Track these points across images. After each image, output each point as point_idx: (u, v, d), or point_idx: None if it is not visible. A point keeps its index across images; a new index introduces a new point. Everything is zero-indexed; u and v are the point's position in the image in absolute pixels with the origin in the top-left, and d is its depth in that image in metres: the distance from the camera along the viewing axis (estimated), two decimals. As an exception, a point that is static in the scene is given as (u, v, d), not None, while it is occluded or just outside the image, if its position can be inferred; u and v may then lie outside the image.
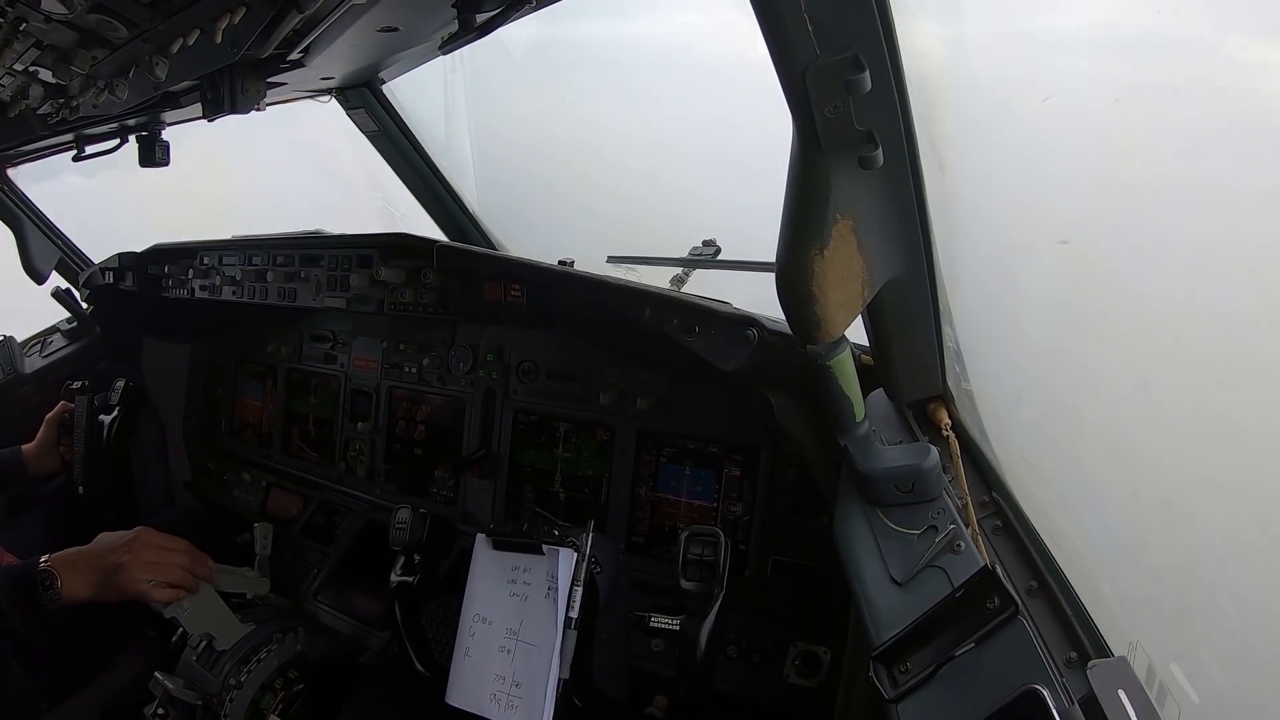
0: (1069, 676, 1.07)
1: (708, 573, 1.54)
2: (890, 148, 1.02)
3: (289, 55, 1.65)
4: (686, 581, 1.55)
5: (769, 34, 0.94)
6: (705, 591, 1.54)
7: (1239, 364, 1.19)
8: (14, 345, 3.15)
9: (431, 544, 1.97)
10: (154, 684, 1.96)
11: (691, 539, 1.57)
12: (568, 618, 1.54)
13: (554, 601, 1.57)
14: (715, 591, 1.53)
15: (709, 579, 1.54)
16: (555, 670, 1.52)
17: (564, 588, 1.56)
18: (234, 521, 2.88)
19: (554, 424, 2.27)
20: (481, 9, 1.43)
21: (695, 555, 1.55)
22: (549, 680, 1.52)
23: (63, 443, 2.71)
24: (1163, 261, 1.24)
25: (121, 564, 1.84)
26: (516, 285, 2.05)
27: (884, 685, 1.11)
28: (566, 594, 1.55)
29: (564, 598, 1.55)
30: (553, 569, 1.59)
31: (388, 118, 2.56)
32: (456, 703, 1.65)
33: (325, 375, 2.84)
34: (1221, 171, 1.14)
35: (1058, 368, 1.47)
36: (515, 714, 1.56)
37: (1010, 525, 1.31)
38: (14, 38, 1.46)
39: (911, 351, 1.34)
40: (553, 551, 1.60)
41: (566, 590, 1.55)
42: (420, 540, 1.95)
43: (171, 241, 2.99)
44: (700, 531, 1.58)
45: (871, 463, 1.33)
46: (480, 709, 1.61)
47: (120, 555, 1.86)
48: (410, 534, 1.94)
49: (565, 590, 1.55)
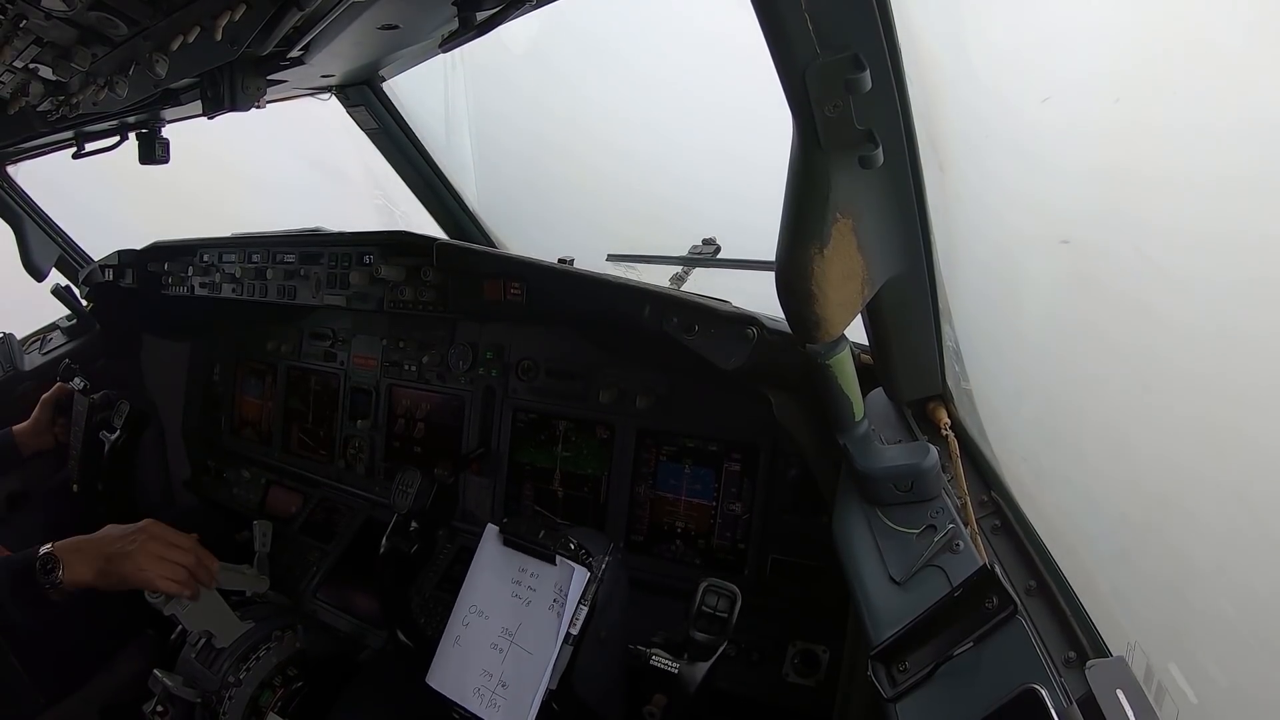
0: (1067, 676, 1.07)
1: (718, 627, 1.54)
2: (890, 147, 1.02)
3: (289, 53, 1.65)
4: (698, 633, 1.54)
5: (769, 33, 0.94)
6: (713, 645, 1.54)
7: (1239, 364, 1.19)
8: (14, 342, 3.15)
9: (433, 514, 1.95)
10: (153, 681, 1.97)
11: (709, 591, 1.56)
12: (569, 634, 1.54)
13: (558, 615, 1.56)
14: (721, 643, 1.54)
15: (718, 633, 1.54)
16: (546, 680, 1.53)
17: (571, 605, 1.56)
18: (233, 519, 2.88)
19: (553, 422, 2.27)
20: (481, 7, 1.43)
21: (709, 608, 1.55)
22: (538, 689, 1.53)
23: (57, 423, 2.70)
24: (1163, 261, 1.24)
25: (127, 553, 1.84)
26: (516, 283, 2.05)
27: (882, 684, 1.11)
28: (572, 611, 1.55)
29: (569, 614, 1.55)
30: (563, 583, 1.58)
31: (388, 115, 2.56)
32: (437, 685, 1.65)
33: (325, 373, 2.84)
34: (1221, 171, 1.14)
35: (1057, 367, 1.47)
36: (497, 713, 1.56)
37: (1009, 525, 1.31)
38: (14, 34, 1.46)
39: (911, 351, 1.34)
40: (565, 566, 1.59)
41: (573, 608, 1.55)
42: (423, 508, 1.93)
43: (171, 239, 3.00)
44: (718, 586, 1.56)
45: (871, 462, 1.33)
46: (462, 699, 1.61)
47: (126, 545, 1.86)
48: (415, 499, 1.92)
49: (572, 608, 1.55)
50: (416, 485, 1.92)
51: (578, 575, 1.57)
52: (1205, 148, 1.14)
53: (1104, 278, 1.32)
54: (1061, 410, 1.48)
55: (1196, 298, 1.22)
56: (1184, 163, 1.17)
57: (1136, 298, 1.29)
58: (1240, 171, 1.12)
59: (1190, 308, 1.23)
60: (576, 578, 1.57)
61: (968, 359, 1.41)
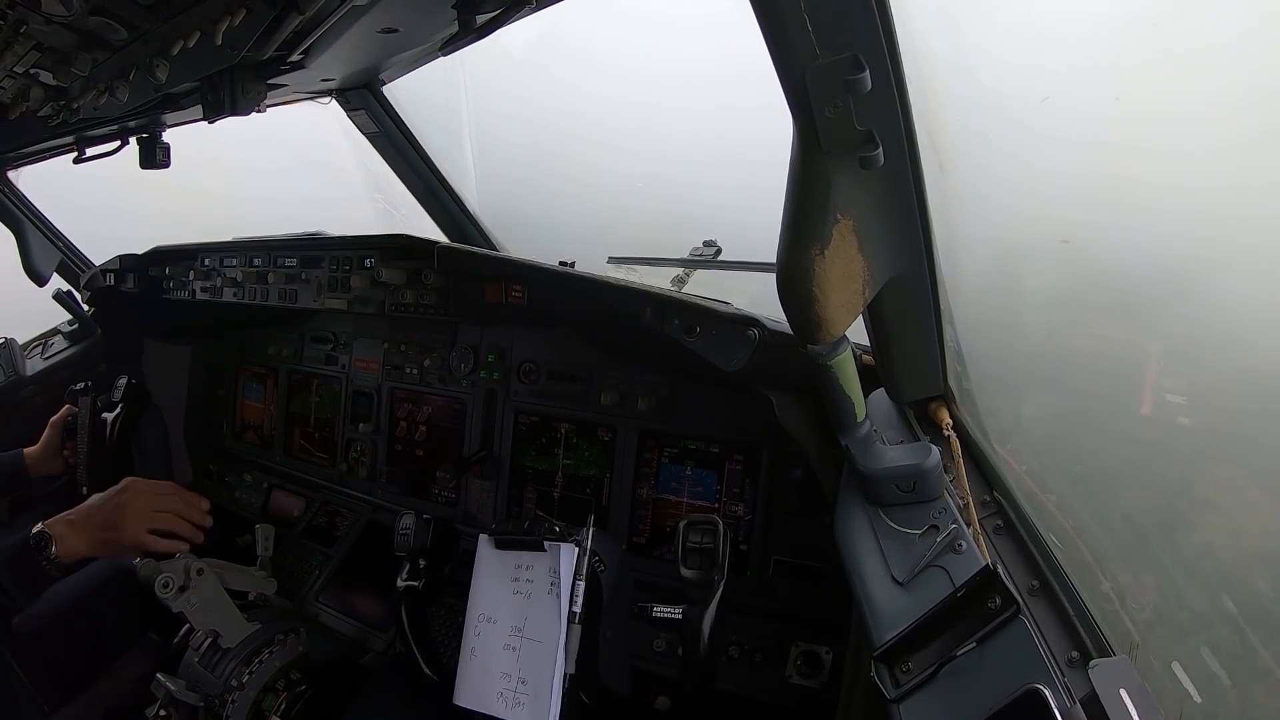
0: (1070, 676, 1.07)
1: (707, 560, 1.55)
2: (890, 147, 1.02)
3: (289, 57, 1.65)
4: (687, 570, 1.56)
5: (769, 34, 0.94)
6: (706, 579, 1.54)
7: (1239, 364, 1.19)
8: (15, 347, 3.16)
9: (435, 548, 1.99)
10: (156, 685, 1.96)
11: (690, 527, 1.58)
12: (571, 612, 1.54)
13: (557, 597, 1.58)
14: (716, 579, 1.54)
15: (709, 566, 1.54)
16: (560, 665, 1.53)
17: (566, 582, 1.57)
18: (236, 523, 2.88)
19: (555, 425, 2.27)
20: (481, 10, 1.43)
21: (694, 543, 1.56)
22: (554, 675, 1.53)
23: (66, 446, 2.71)
24: (1163, 260, 1.24)
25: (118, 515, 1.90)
26: (517, 286, 2.05)
27: (885, 685, 1.11)
28: (569, 589, 1.56)
29: (566, 592, 1.56)
30: (555, 565, 1.60)
31: (388, 119, 2.57)
32: (465, 703, 1.65)
33: (326, 376, 2.84)
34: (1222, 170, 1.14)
35: (1058, 367, 1.47)
36: (522, 711, 1.56)
37: (1011, 525, 1.31)
38: (14, 40, 1.47)
39: (912, 351, 1.34)
40: (554, 547, 1.61)
41: (569, 585, 1.56)
42: (424, 545, 1.97)
43: (172, 243, 3.00)
44: (698, 520, 1.58)
45: (873, 462, 1.33)
46: (488, 708, 1.61)
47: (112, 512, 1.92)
48: (414, 539, 1.96)
49: (568, 585, 1.56)
50: (414, 526, 1.97)
51: (565, 552, 1.59)
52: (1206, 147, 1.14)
53: (1105, 277, 1.32)
54: (1063, 409, 1.48)
55: (1197, 296, 1.22)
56: (1184, 163, 1.17)
57: (1137, 296, 1.29)
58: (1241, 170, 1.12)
59: (1191, 306, 1.23)
60: (565, 555, 1.59)
61: (969, 359, 1.41)
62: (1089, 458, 1.44)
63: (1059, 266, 1.38)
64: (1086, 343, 1.41)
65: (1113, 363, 1.36)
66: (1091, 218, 1.29)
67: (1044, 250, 1.37)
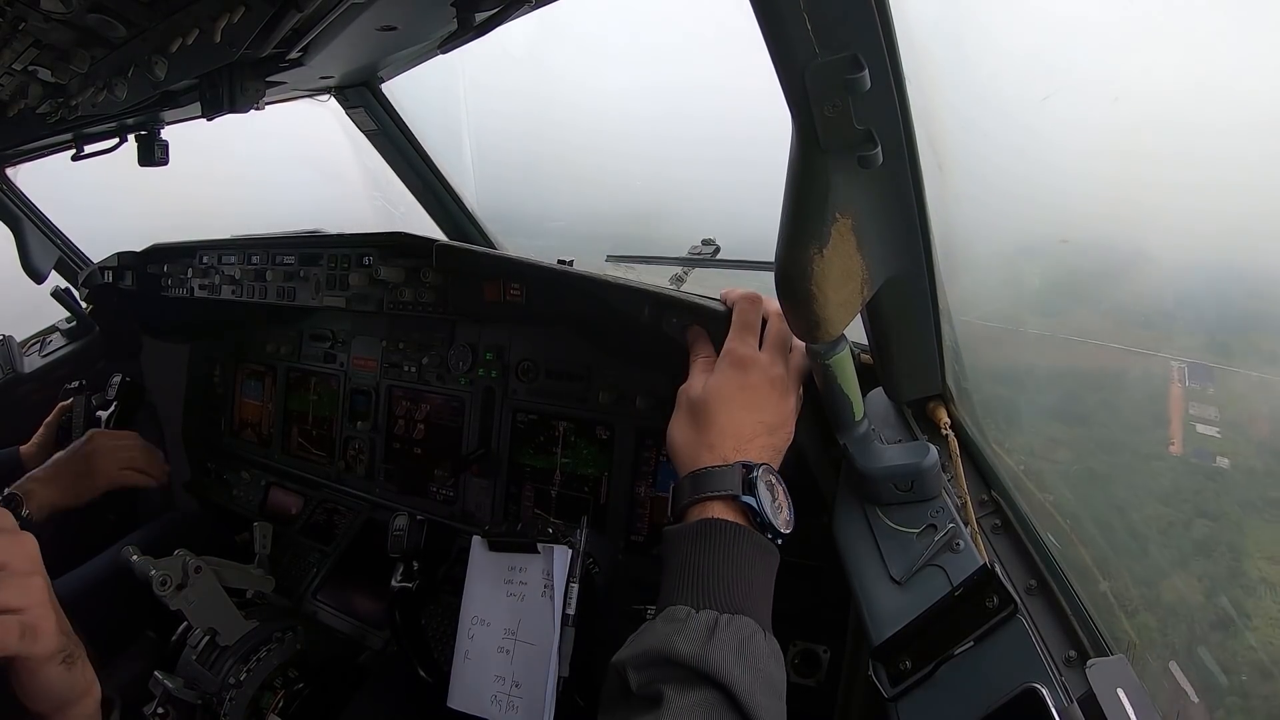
0: (1068, 675, 1.07)
1: None
2: (889, 147, 1.02)
3: (288, 54, 1.65)
4: None
5: (768, 33, 0.94)
6: None
7: (1239, 363, 1.19)
8: (13, 344, 3.15)
9: (430, 548, 1.99)
10: (153, 683, 1.96)
11: None
12: (565, 615, 1.53)
13: (551, 599, 1.56)
14: None
15: None
16: (554, 668, 1.52)
17: (560, 585, 1.55)
18: (234, 521, 2.88)
19: (553, 423, 2.27)
20: (480, 8, 1.43)
21: None
22: (549, 679, 1.52)
23: (62, 445, 2.71)
24: (1163, 260, 1.24)
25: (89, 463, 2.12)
26: (516, 284, 2.05)
27: (883, 684, 1.11)
28: (563, 591, 1.55)
29: (560, 595, 1.55)
30: (549, 567, 1.59)
31: (387, 116, 2.56)
32: (458, 706, 1.64)
33: (324, 374, 2.84)
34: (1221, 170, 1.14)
35: (1057, 366, 1.47)
36: (516, 714, 1.55)
37: (1009, 524, 1.31)
38: (13, 37, 1.46)
39: (911, 350, 1.34)
40: (548, 549, 1.60)
41: (563, 587, 1.55)
42: (418, 546, 1.97)
43: (170, 241, 2.99)
44: None
45: (871, 461, 1.33)
46: (482, 711, 1.60)
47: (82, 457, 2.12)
48: (408, 540, 1.97)
49: (561, 587, 1.55)
50: (407, 528, 1.98)
51: (559, 554, 1.58)
52: (1205, 147, 1.15)
53: (1104, 276, 1.32)
54: (1062, 409, 1.48)
55: (1197, 296, 1.22)
56: (1184, 162, 1.17)
57: (1137, 296, 1.29)
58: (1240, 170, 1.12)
59: (1191, 306, 1.23)
60: (558, 557, 1.57)
61: (967, 358, 1.41)
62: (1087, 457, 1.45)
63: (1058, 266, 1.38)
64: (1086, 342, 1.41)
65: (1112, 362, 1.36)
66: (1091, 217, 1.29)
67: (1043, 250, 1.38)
